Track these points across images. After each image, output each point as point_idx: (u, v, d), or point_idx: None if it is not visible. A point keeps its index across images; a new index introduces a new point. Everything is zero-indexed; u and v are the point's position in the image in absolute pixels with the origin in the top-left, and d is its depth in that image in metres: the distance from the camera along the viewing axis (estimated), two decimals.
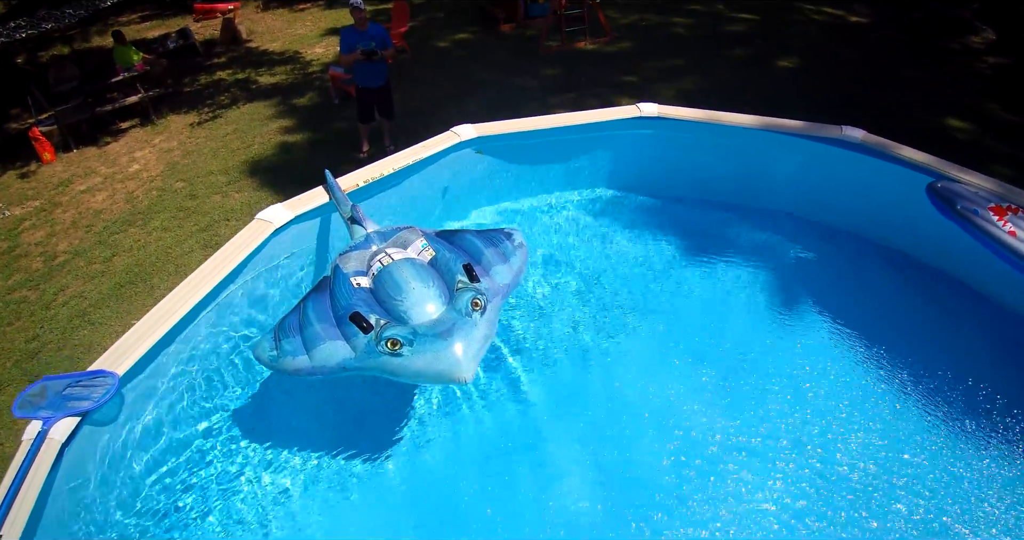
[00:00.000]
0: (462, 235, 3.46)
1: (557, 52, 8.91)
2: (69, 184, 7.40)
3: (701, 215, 4.72)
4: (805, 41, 8.85)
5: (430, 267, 3.15)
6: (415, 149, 4.13)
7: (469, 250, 3.32)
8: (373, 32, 6.10)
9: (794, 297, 4.20)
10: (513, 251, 3.40)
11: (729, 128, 4.37)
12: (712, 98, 7.32)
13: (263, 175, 6.76)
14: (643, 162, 4.71)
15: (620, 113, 4.43)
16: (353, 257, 3.27)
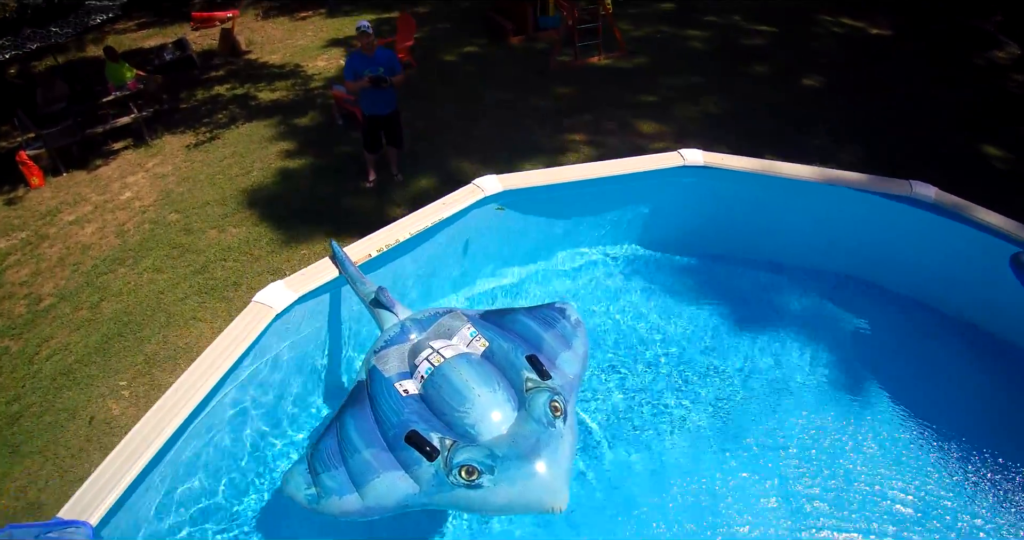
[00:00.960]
0: (512, 316, 2.84)
1: (569, 67, 8.27)
2: (57, 213, 6.76)
3: (746, 276, 4.13)
4: (827, 57, 8.23)
5: (489, 363, 2.57)
6: (434, 207, 3.53)
7: (525, 335, 2.73)
8: (381, 57, 5.45)
9: (853, 372, 3.64)
10: (573, 332, 2.81)
11: (784, 181, 3.78)
12: (736, 121, 6.73)
13: (263, 207, 6.13)
14: (683, 215, 4.12)
15: (661, 162, 3.83)
16: (392, 355, 2.65)
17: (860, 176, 3.76)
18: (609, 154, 6.29)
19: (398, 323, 2.84)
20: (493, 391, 2.40)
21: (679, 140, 6.44)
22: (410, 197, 5.94)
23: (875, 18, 9.68)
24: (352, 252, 3.23)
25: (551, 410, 2.29)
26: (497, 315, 2.90)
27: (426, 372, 2.51)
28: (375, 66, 5.44)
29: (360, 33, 5.30)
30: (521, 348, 2.60)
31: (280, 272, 5.21)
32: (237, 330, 2.82)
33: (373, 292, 3.00)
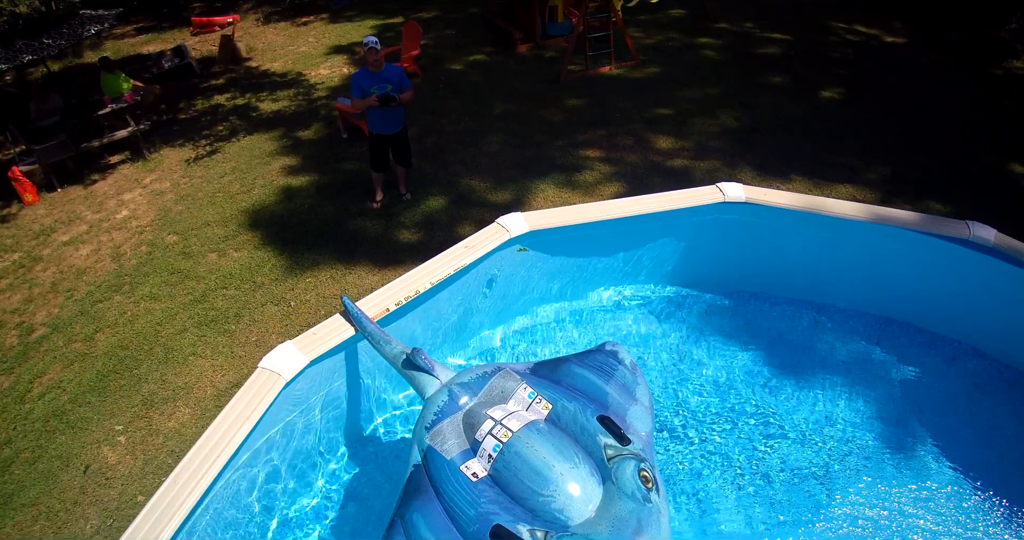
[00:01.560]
0: (566, 367, 2.52)
1: (580, 78, 7.88)
2: (51, 233, 6.36)
3: (786, 317, 3.78)
4: (846, 67, 7.85)
5: (559, 431, 2.24)
6: (456, 251, 3.16)
7: (586, 390, 2.41)
8: (389, 74, 5.06)
9: (902, 423, 3.30)
10: (633, 379, 2.51)
11: (829, 219, 3.42)
12: (757, 137, 6.36)
13: (265, 229, 5.75)
14: (718, 252, 3.76)
15: (699, 198, 3.46)
16: (447, 430, 2.31)
17: (914, 215, 3.41)
18: (626, 172, 5.93)
19: (443, 389, 2.46)
20: (575, 466, 2.09)
21: (699, 157, 6.08)
22: (419, 219, 5.57)
23: (889, 25, 9.30)
24: (367, 307, 2.85)
25: (642, 481, 2.01)
26: (549, 368, 2.56)
27: (494, 450, 2.17)
28: (383, 83, 5.06)
29: (368, 49, 4.91)
30: (589, 407, 2.29)
31: (284, 302, 4.84)
32: (244, 401, 2.46)
33: (403, 353, 2.62)
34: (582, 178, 5.88)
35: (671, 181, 5.73)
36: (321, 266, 5.15)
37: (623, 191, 5.64)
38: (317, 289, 4.90)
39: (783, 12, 9.66)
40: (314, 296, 4.84)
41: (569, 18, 8.99)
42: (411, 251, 5.19)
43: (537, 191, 5.76)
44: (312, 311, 4.70)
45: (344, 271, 5.06)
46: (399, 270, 4.99)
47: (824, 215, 3.40)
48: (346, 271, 5.06)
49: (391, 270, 5.00)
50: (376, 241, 5.36)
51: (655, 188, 5.67)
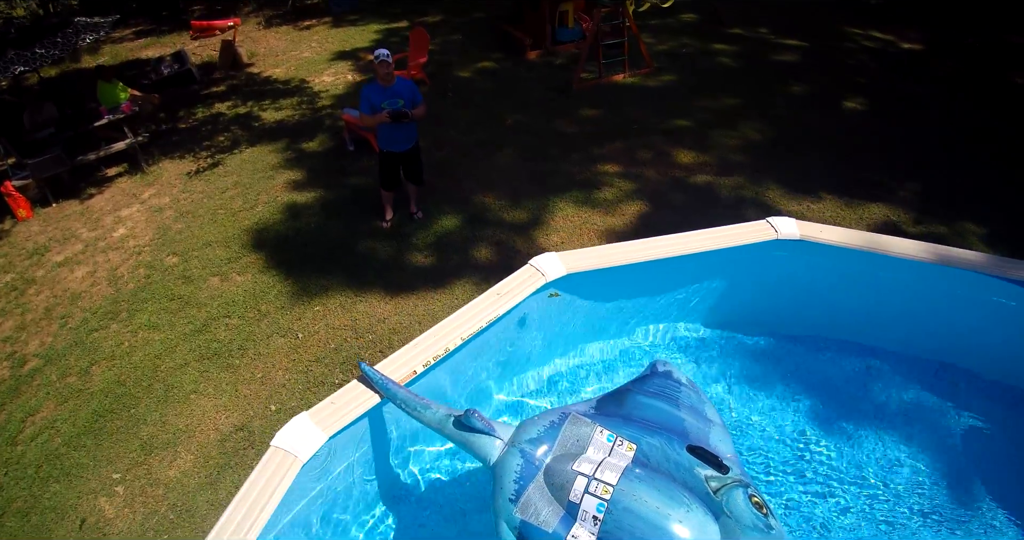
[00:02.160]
0: (631, 399, 2.26)
1: (593, 86, 7.49)
2: (45, 252, 5.96)
3: (834, 361, 3.41)
4: (865, 75, 7.46)
5: (655, 472, 1.98)
6: (488, 299, 2.79)
7: (659, 419, 2.18)
8: (400, 88, 4.67)
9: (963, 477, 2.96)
10: (698, 397, 2.31)
11: (892, 259, 3.05)
12: (781, 151, 5.98)
13: (269, 250, 5.36)
14: (762, 291, 3.39)
15: (750, 235, 3.09)
16: (535, 499, 1.98)
17: (983, 257, 3.04)
18: (647, 189, 5.55)
19: (512, 450, 2.12)
20: (689, 509, 1.86)
21: (722, 172, 5.71)
22: (432, 240, 5.19)
23: (904, 31, 8.90)
24: (390, 370, 2.47)
25: (756, 508, 1.83)
26: (614, 403, 2.28)
27: (598, 510, 1.88)
28: (394, 99, 4.67)
29: (378, 62, 4.51)
30: (673, 439, 2.07)
31: (291, 333, 4.47)
32: (257, 489, 2.08)
33: (450, 416, 2.26)
34: (601, 195, 5.50)
35: (696, 199, 5.37)
36: (330, 292, 4.77)
37: (646, 210, 5.27)
38: (326, 319, 4.53)
39: (796, 17, 9.26)
40: (323, 327, 4.46)
41: (579, 23, 8.58)
42: (425, 276, 4.81)
43: (555, 209, 5.38)
44: (321, 344, 4.32)
45: (354, 298, 4.68)
46: (412, 298, 4.62)
47: (885, 255, 3.04)
48: (356, 298, 4.68)
49: (404, 298, 4.62)
50: (387, 264, 4.98)
51: (678, 206, 5.34)
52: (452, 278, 4.75)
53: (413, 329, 4.33)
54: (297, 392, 4.01)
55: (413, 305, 4.54)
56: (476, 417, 2.20)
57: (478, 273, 4.77)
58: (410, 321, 4.40)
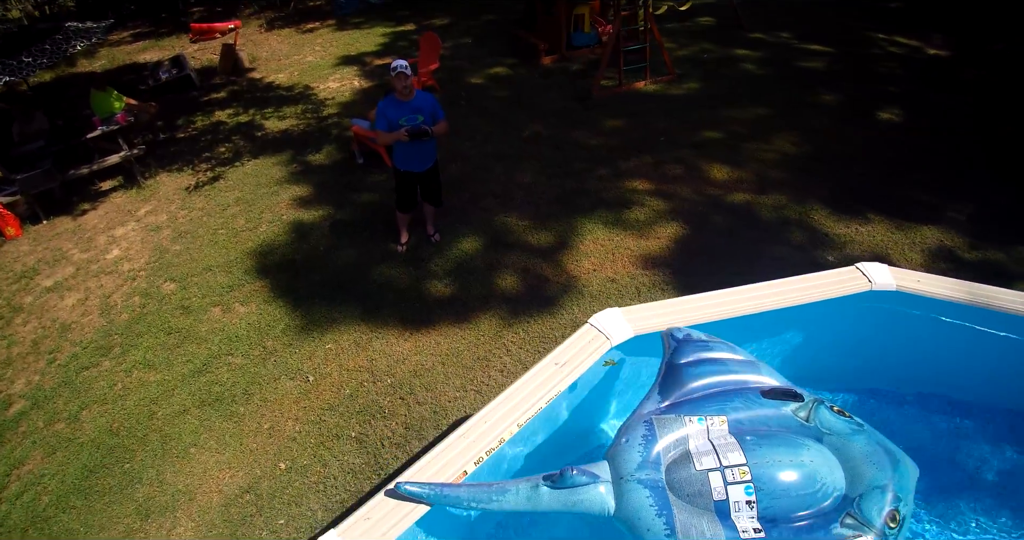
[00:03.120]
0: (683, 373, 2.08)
1: (613, 94, 6.94)
2: (34, 276, 5.40)
3: (920, 419, 2.91)
4: (895, 84, 6.92)
5: (761, 430, 1.92)
6: (546, 371, 2.24)
7: (721, 382, 2.05)
8: (420, 103, 4.12)
9: None
10: (728, 347, 2.23)
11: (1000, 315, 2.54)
12: (820, 166, 5.45)
13: (275, 276, 4.82)
14: (844, 341, 2.88)
15: (841, 285, 2.57)
16: (685, 520, 1.74)
17: None
18: (682, 209, 5.02)
19: (630, 485, 1.81)
20: (807, 446, 1.85)
21: (761, 190, 5.18)
22: (452, 266, 4.65)
23: (928, 37, 8.35)
24: (435, 470, 1.92)
25: (841, 416, 1.93)
26: (672, 386, 2.08)
27: (747, 494, 1.76)
28: (413, 114, 4.12)
29: (395, 75, 3.96)
30: (746, 393, 2.01)
31: (300, 375, 3.94)
32: None
33: (537, 485, 1.83)
34: (632, 216, 4.97)
35: (736, 220, 4.84)
36: (342, 327, 4.24)
37: (682, 232, 4.75)
38: (339, 359, 3.99)
39: (818, 21, 8.71)
40: (336, 368, 3.93)
41: (595, 27, 8.03)
42: (446, 308, 4.28)
43: (584, 232, 4.85)
44: (335, 389, 3.79)
45: (369, 334, 4.15)
46: (434, 334, 4.09)
47: (995, 311, 2.52)
48: (372, 334, 4.14)
49: (425, 334, 4.09)
50: (404, 294, 4.45)
51: (718, 228, 4.80)
52: (476, 311, 4.22)
53: (436, 371, 3.80)
54: (309, 447, 3.48)
55: (435, 343, 4.01)
56: (574, 474, 1.83)
57: (505, 305, 4.25)
58: (433, 362, 3.87)
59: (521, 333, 4.00)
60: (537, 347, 3.87)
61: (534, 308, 4.18)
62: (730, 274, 4.31)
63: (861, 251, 4.48)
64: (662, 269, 4.40)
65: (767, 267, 4.36)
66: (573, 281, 4.37)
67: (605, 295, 4.21)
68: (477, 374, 3.75)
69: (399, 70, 3.92)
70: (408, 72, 3.96)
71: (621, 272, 4.41)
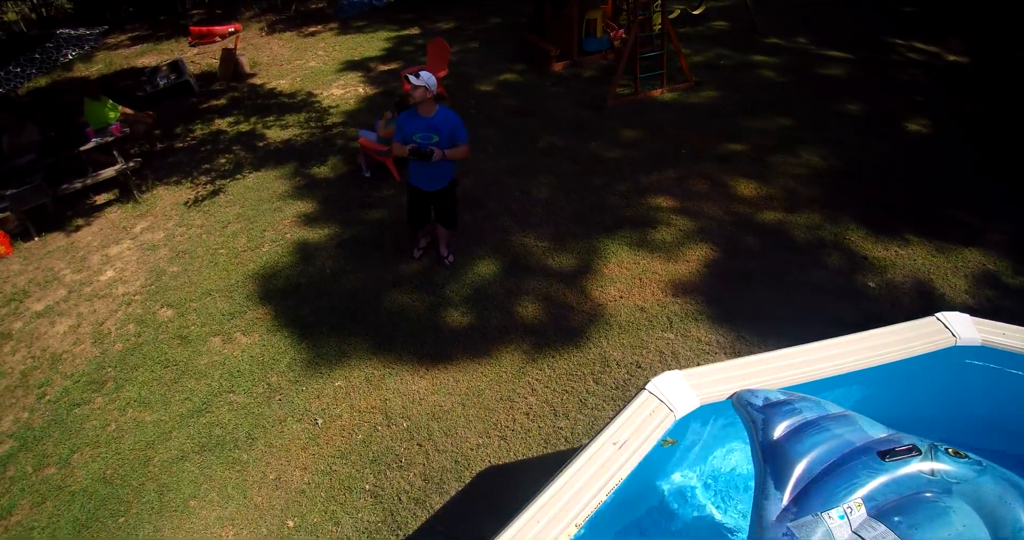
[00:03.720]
0: (791, 453, 1.78)
1: (629, 102, 6.56)
2: (24, 299, 5.01)
3: None
4: (920, 93, 6.54)
5: (901, 504, 1.69)
6: (604, 451, 1.89)
7: (833, 453, 1.79)
8: (440, 122, 3.73)
9: None
10: (813, 402, 1.97)
11: None
12: (851, 181, 5.10)
13: (279, 302, 4.44)
14: (929, 396, 2.54)
15: (923, 341, 2.22)
16: None
17: None
18: (711, 228, 4.65)
19: None
20: (948, 506, 1.68)
21: (791, 207, 4.82)
22: (468, 292, 4.28)
23: (947, 42, 7.99)
24: None
25: (955, 456, 1.78)
26: (785, 473, 1.75)
27: None
28: (428, 133, 3.75)
29: (414, 88, 3.59)
30: (864, 461, 1.75)
31: (308, 417, 3.57)
32: None
33: None
34: (658, 236, 4.61)
35: (769, 241, 4.47)
36: (352, 361, 3.87)
37: (713, 255, 4.39)
38: (350, 398, 3.63)
39: (834, 26, 8.32)
40: (346, 409, 3.57)
41: (607, 32, 7.63)
42: (464, 340, 3.91)
43: (607, 253, 4.49)
44: (346, 433, 3.43)
45: (382, 370, 3.78)
46: (452, 370, 3.73)
47: None
48: (384, 370, 3.78)
49: (442, 370, 3.73)
50: (418, 323, 4.08)
51: (750, 251, 4.41)
52: (497, 343, 3.86)
53: (456, 413, 3.44)
54: (319, 502, 3.12)
55: (454, 380, 3.65)
56: None
57: (527, 337, 3.88)
58: (452, 402, 3.52)
59: (546, 369, 3.64)
60: (565, 386, 3.52)
61: (559, 341, 3.83)
62: (767, 303, 3.97)
63: (903, 277, 4.14)
64: (693, 296, 4.04)
65: (805, 294, 4.02)
66: (599, 310, 4.01)
67: (635, 326, 3.85)
68: (501, 417, 3.40)
69: (419, 83, 3.54)
70: (430, 86, 3.58)
71: (650, 299, 4.05)
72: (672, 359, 3.62)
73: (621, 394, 3.42)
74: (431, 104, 3.69)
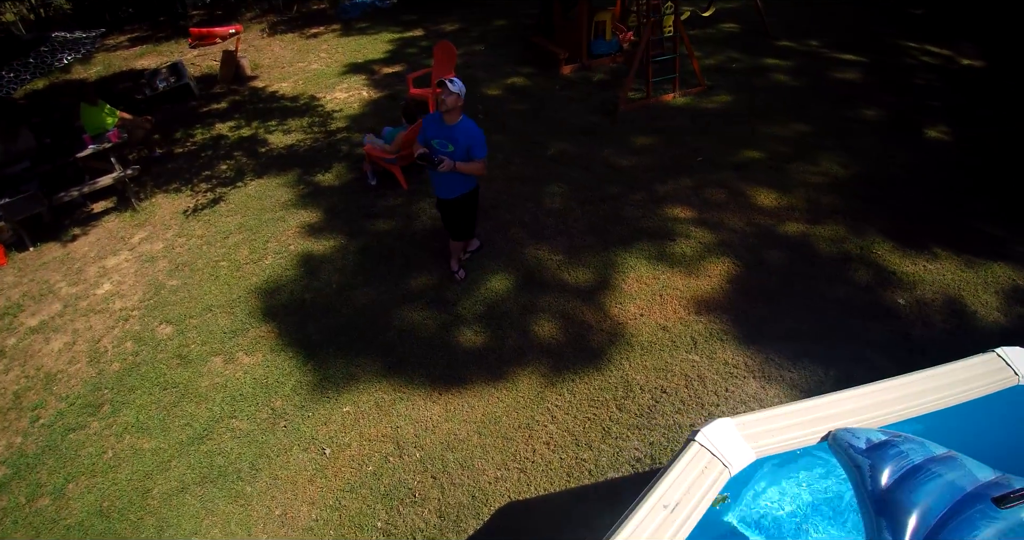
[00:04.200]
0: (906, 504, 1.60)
1: (641, 107, 6.31)
2: (18, 313, 4.76)
3: None
4: (937, 97, 6.31)
5: None
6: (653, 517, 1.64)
7: (947, 499, 1.62)
8: (460, 134, 3.49)
9: None
10: (916, 443, 1.77)
11: None
12: (873, 191, 4.86)
13: (283, 320, 4.20)
14: (983, 436, 2.33)
15: (981, 379, 1.99)
16: None
17: None
18: (732, 241, 4.40)
19: None
20: None
21: (814, 219, 4.59)
22: (481, 310, 4.03)
23: (959, 46, 7.73)
24: None
25: None
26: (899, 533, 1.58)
27: None
28: (445, 142, 3.52)
29: (445, 93, 3.39)
30: (977, 511, 1.58)
31: (315, 445, 3.33)
32: None
33: None
34: (678, 249, 4.38)
35: (792, 255, 4.24)
36: (360, 385, 3.63)
37: (735, 270, 4.15)
38: (359, 425, 3.40)
39: (845, 28, 8.06)
40: (355, 438, 3.33)
41: (616, 34, 7.38)
42: (478, 361, 3.68)
43: (625, 269, 4.25)
44: (355, 464, 3.20)
45: (392, 394, 3.55)
46: (466, 394, 3.49)
47: None
48: (395, 394, 3.55)
49: (456, 394, 3.50)
50: (430, 343, 3.84)
51: (773, 266, 4.14)
52: (513, 365, 3.62)
53: (472, 443, 3.21)
54: None
55: (468, 406, 3.42)
56: None
57: (544, 358, 3.65)
58: (467, 430, 3.28)
59: (566, 394, 3.41)
60: (586, 413, 3.29)
61: (578, 362, 3.60)
62: (794, 322, 3.74)
63: (932, 293, 3.91)
64: (717, 315, 3.81)
65: (833, 311, 3.80)
66: (619, 329, 3.78)
67: (657, 347, 3.63)
68: (519, 447, 3.17)
69: (452, 90, 3.38)
70: (460, 94, 3.39)
71: (672, 318, 3.82)
72: (699, 383, 3.40)
73: (646, 422, 3.20)
74: (458, 113, 3.47)
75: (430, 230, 4.83)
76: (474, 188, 3.80)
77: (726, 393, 3.35)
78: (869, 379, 2.08)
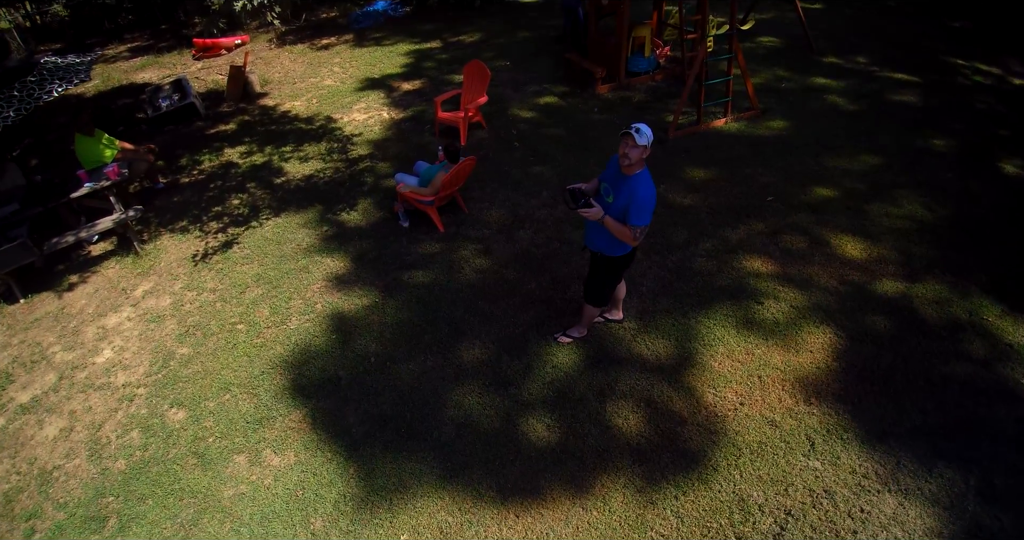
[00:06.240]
0: None
1: (690, 134, 5.51)
2: (7, 384, 3.90)
3: None
4: (1003, 124, 5.50)
5: None
6: None
7: None
8: (626, 187, 2.75)
9: None
10: None
11: None
12: (964, 239, 4.12)
13: (315, 405, 3.41)
14: None
15: None
16: None
17: None
18: (827, 304, 3.63)
19: None
20: None
21: (910, 275, 3.83)
22: (550, 393, 3.25)
23: (1006, 62, 6.98)
24: None
25: None
26: None
27: None
28: (609, 189, 2.89)
29: (629, 143, 2.64)
30: None
31: None
32: None
33: None
34: (767, 314, 3.62)
35: (897, 322, 3.45)
36: (417, 501, 2.86)
37: (837, 342, 3.40)
38: None
39: (888, 42, 7.24)
40: None
41: (655, 50, 6.54)
42: (557, 470, 2.89)
43: (710, 339, 3.49)
44: None
45: (459, 516, 2.78)
46: (547, 511, 2.73)
47: None
48: (462, 517, 2.78)
49: (536, 514, 2.74)
50: (495, 442, 3.06)
51: (880, 336, 3.30)
52: (598, 473, 2.87)
53: None
54: None
55: (553, 533, 2.67)
56: None
57: (635, 465, 2.89)
58: None
59: (671, 517, 2.67)
60: None
61: (676, 470, 2.85)
62: (915, 410, 3.02)
63: None
64: (831, 404, 3.08)
65: (954, 394, 3.09)
66: (718, 423, 3.04)
67: (769, 449, 2.89)
68: None
69: (639, 140, 2.62)
70: (647, 144, 2.63)
71: (778, 408, 3.08)
72: (828, 501, 2.67)
73: None
74: (641, 165, 2.71)
75: (476, 286, 4.04)
76: (620, 256, 2.98)
77: (862, 515, 2.62)
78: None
